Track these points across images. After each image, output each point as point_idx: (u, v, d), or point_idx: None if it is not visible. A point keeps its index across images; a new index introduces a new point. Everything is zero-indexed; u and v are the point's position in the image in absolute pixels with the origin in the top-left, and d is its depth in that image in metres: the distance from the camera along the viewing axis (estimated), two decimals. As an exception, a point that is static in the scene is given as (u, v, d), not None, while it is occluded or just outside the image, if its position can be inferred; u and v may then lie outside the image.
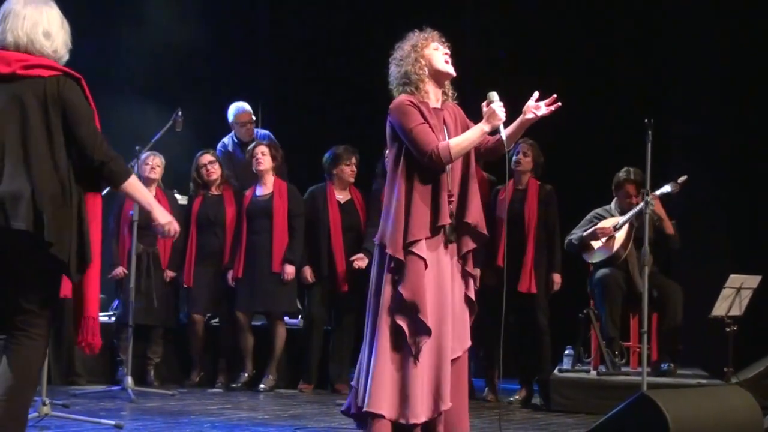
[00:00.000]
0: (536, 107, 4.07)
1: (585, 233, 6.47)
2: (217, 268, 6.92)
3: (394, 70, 4.17)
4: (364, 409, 3.98)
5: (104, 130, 3.37)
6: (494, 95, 4.06)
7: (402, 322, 3.97)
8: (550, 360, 6.45)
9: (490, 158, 4.36)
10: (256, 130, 7.72)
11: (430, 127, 4.03)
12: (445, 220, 4.03)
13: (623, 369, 6.30)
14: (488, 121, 4.02)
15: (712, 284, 6.39)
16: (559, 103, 4.06)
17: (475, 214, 4.11)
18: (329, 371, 6.92)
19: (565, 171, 7.16)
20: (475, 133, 4.04)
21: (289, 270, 6.75)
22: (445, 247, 4.09)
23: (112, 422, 4.84)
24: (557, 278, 6.51)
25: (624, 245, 6.34)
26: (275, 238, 6.77)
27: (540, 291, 6.40)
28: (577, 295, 6.65)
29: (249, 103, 7.67)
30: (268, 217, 6.79)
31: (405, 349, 3.99)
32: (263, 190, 6.90)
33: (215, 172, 7.01)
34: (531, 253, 6.39)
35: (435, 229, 4.03)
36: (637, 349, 6.47)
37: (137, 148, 6.43)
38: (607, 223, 6.41)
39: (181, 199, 7.30)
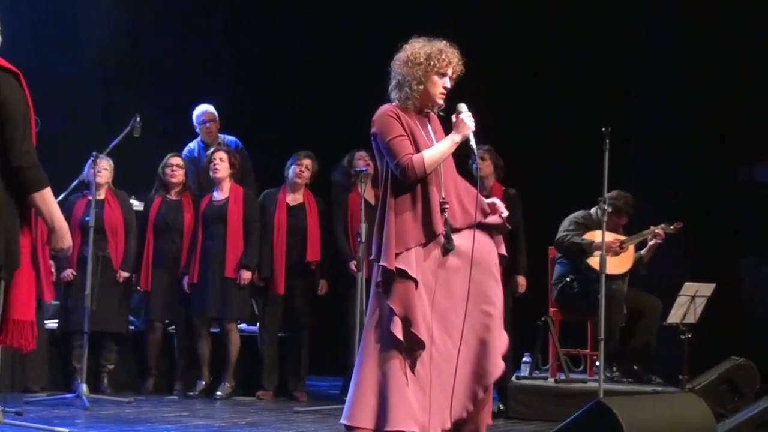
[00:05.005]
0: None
1: (589, 242, 6.33)
2: (173, 274, 6.87)
3: (398, 62, 4.07)
4: (342, 422, 3.94)
5: (65, 134, 3.29)
6: (463, 106, 4.08)
7: (397, 336, 3.89)
8: (511, 367, 6.46)
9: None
10: (223, 136, 7.66)
11: (411, 140, 3.99)
12: (439, 228, 3.98)
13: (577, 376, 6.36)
14: (458, 131, 4.03)
15: (669, 292, 6.46)
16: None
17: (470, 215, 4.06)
18: (286, 378, 6.89)
19: (527, 175, 7.20)
20: (446, 143, 4.04)
21: (245, 275, 6.72)
22: (444, 255, 3.99)
23: (66, 430, 4.79)
24: (522, 280, 6.55)
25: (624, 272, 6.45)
26: (229, 243, 6.73)
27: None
28: (535, 301, 6.67)
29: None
30: (223, 222, 6.75)
31: (391, 359, 3.90)
32: (220, 195, 6.87)
33: (177, 176, 6.95)
34: None
35: (429, 239, 3.97)
36: (594, 357, 6.51)
37: (94, 153, 6.40)
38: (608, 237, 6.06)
39: (138, 206, 7.20)
